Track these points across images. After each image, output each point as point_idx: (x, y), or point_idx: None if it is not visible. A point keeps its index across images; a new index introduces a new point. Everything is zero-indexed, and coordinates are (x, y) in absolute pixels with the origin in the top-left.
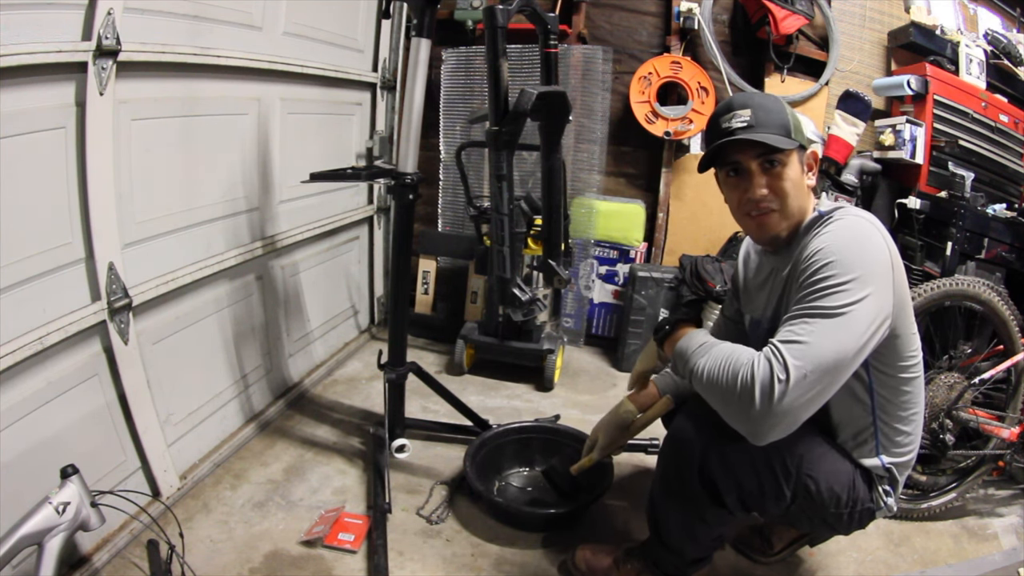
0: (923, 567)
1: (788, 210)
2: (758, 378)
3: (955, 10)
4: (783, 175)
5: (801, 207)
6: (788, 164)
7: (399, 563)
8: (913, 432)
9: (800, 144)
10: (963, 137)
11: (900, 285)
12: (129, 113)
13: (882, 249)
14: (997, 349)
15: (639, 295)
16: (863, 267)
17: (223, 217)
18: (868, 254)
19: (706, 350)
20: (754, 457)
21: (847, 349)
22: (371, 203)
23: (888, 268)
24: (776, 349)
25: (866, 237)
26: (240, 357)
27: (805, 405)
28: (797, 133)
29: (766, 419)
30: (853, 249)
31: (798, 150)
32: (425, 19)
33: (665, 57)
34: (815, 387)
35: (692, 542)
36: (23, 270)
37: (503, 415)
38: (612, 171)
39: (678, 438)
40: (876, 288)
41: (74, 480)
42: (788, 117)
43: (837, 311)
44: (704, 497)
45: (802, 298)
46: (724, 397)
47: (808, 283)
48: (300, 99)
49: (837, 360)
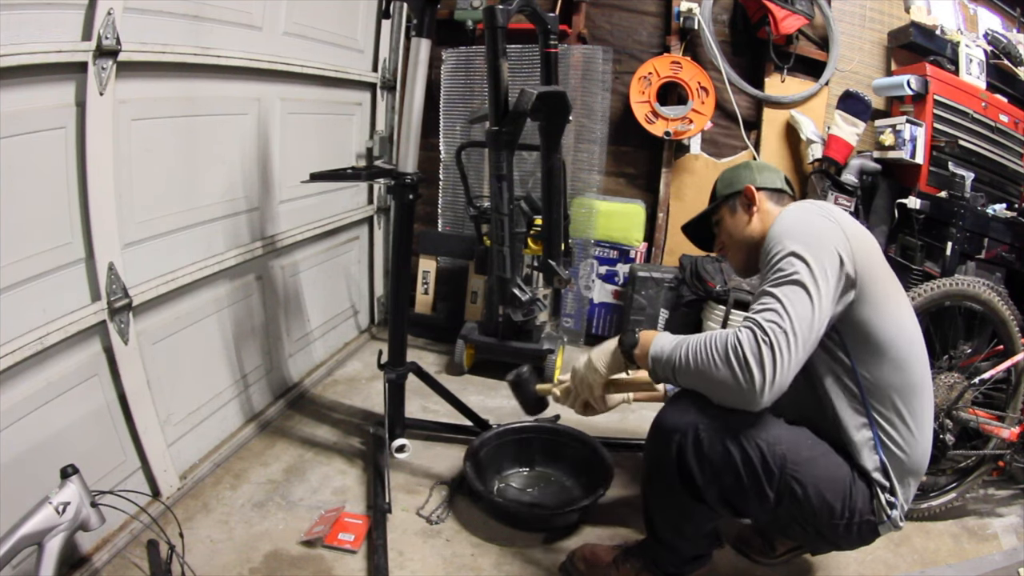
0: (923, 567)
1: (730, 248)
2: (746, 346)
3: (955, 10)
4: (720, 232)
5: (743, 237)
6: (719, 219)
7: (399, 563)
8: (917, 431)
9: (725, 196)
10: (963, 137)
11: (859, 251)
12: (129, 113)
13: (820, 219)
14: (997, 349)
15: (639, 295)
16: (804, 234)
17: (223, 217)
18: (807, 224)
19: (682, 342)
20: (730, 451)
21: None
22: (371, 203)
23: (834, 230)
24: (751, 319)
25: (805, 213)
26: (240, 357)
27: (792, 361)
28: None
29: (764, 383)
30: (794, 225)
31: (724, 203)
32: (425, 19)
33: (665, 57)
34: (794, 341)
35: (682, 538)
36: (23, 270)
37: (503, 415)
38: (612, 171)
39: (658, 426)
40: (821, 247)
41: (74, 480)
42: (716, 187)
43: (790, 274)
44: (684, 492)
45: (762, 279)
46: (718, 375)
47: (764, 267)
48: (300, 99)
49: (804, 313)
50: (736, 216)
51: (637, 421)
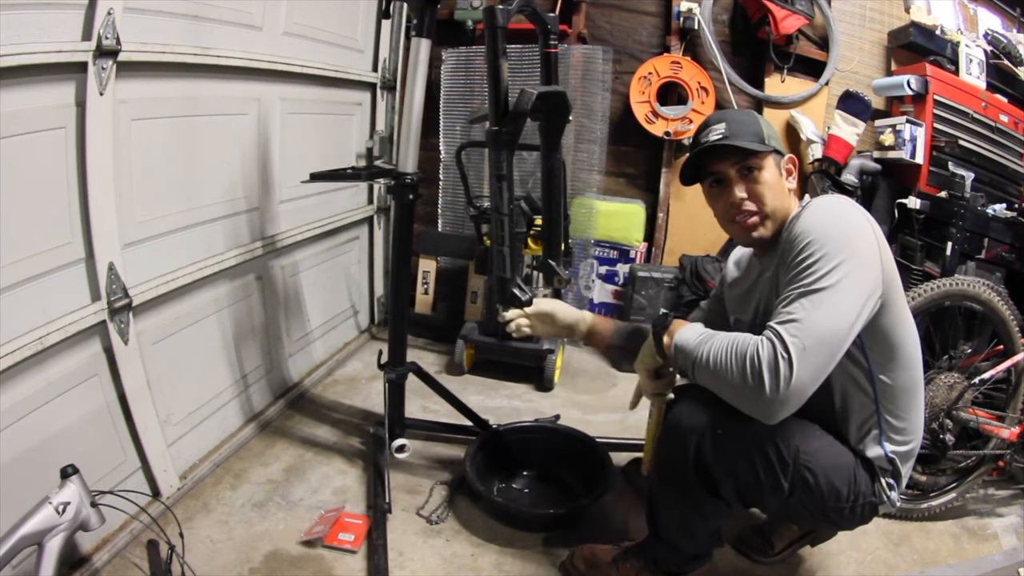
0: (923, 567)
1: (768, 211)
2: (764, 360)
3: (955, 10)
4: (759, 179)
5: (782, 208)
6: (764, 168)
7: (399, 563)
8: (914, 420)
9: (775, 149)
10: (963, 137)
11: (887, 258)
12: (129, 113)
13: (861, 220)
14: (997, 349)
15: (639, 295)
16: (845, 239)
17: (223, 217)
18: (848, 228)
19: (707, 339)
20: (749, 447)
21: (841, 320)
22: (371, 203)
23: (871, 238)
24: (774, 330)
25: (843, 211)
26: (240, 357)
27: (811, 379)
28: (771, 140)
29: (777, 398)
30: (831, 223)
31: (773, 154)
32: (425, 19)
33: (665, 57)
34: (817, 360)
35: (689, 537)
36: (23, 270)
37: (503, 415)
38: (612, 171)
39: (674, 426)
40: (861, 259)
41: (74, 480)
42: (761, 127)
43: (826, 285)
44: (700, 487)
45: (791, 280)
46: (733, 383)
47: (794, 264)
48: (300, 99)
49: (833, 331)
50: (780, 179)
51: (637, 421)
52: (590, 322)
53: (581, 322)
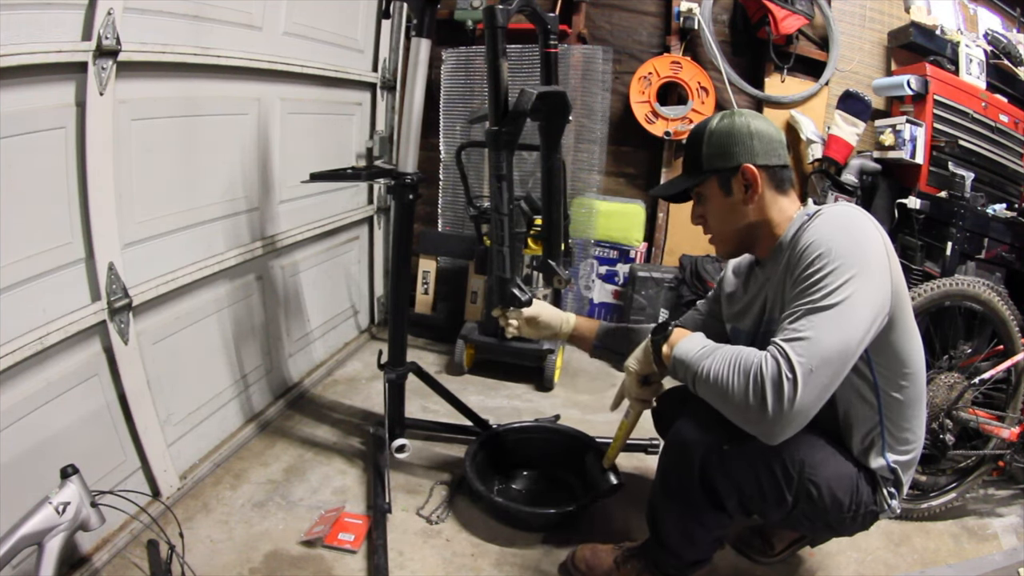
0: (923, 567)
1: (717, 234)
2: (769, 379)
3: (955, 10)
4: (704, 203)
5: (730, 229)
6: (704, 193)
7: (399, 563)
8: (917, 430)
9: (714, 169)
10: (963, 137)
11: (896, 271)
12: (129, 113)
13: (874, 235)
14: (997, 349)
15: (639, 295)
16: (856, 255)
17: (223, 217)
18: (859, 242)
19: (709, 352)
20: (755, 462)
21: (849, 339)
22: (371, 203)
23: (883, 254)
24: (780, 348)
25: (856, 225)
26: (240, 357)
27: (815, 399)
28: (715, 160)
29: (780, 419)
30: (843, 238)
31: (716, 176)
32: (425, 19)
33: (665, 57)
34: (822, 380)
35: (691, 545)
36: (23, 270)
37: (503, 415)
38: (612, 171)
39: (679, 442)
40: (871, 275)
41: (74, 480)
42: (702, 148)
43: (835, 303)
44: (704, 501)
45: (799, 294)
46: (735, 400)
47: (803, 278)
48: (300, 99)
49: (840, 351)
50: (729, 198)
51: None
52: (573, 324)
53: (564, 324)
